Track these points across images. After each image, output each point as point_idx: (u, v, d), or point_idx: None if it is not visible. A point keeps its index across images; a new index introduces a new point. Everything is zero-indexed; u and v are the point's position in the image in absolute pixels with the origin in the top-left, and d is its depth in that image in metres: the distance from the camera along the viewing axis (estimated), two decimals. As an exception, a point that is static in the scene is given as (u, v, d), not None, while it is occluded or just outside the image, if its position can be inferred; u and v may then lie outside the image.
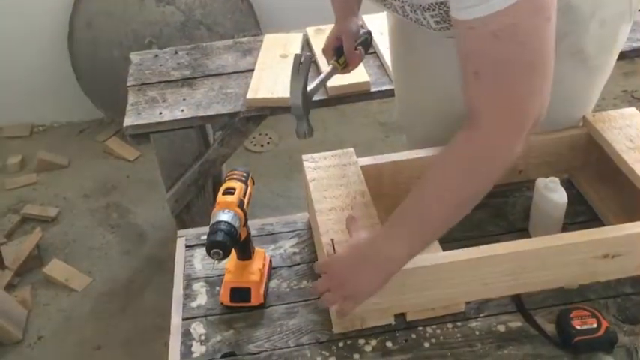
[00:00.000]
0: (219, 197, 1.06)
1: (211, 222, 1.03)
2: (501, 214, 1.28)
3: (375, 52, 1.92)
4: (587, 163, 1.27)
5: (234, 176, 1.10)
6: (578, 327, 0.99)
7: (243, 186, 1.09)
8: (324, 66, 1.55)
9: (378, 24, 1.88)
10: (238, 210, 1.05)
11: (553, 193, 1.15)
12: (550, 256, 1.03)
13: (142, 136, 1.69)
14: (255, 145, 2.75)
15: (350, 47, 1.26)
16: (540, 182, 1.17)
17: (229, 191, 1.06)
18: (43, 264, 2.17)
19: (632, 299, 1.08)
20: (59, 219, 2.41)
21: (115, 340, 1.89)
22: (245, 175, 1.12)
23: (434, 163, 0.93)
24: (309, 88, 1.16)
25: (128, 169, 2.66)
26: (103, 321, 1.97)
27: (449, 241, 1.17)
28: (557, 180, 1.15)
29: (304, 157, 1.26)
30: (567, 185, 1.32)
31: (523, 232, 1.22)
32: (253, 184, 1.14)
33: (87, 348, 1.88)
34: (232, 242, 1.01)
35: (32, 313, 2.01)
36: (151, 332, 1.86)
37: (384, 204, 1.25)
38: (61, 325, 1.97)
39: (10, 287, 2.07)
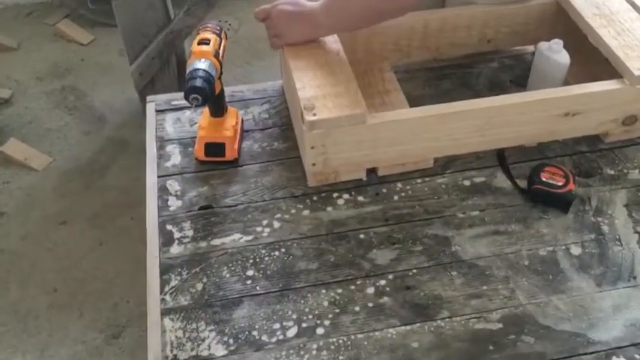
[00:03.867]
0: (195, 47, 1.05)
1: (188, 70, 1.03)
2: (467, 84, 1.31)
3: None
4: (555, 32, 1.30)
5: (208, 28, 1.09)
6: (543, 179, 1.06)
7: (217, 38, 1.08)
8: None
9: None
10: (214, 59, 1.04)
11: (556, 54, 1.17)
12: (515, 113, 1.08)
13: (103, 1, 1.62)
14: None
15: None
16: (542, 44, 1.18)
17: (204, 41, 1.05)
18: (0, 144, 2.12)
19: (587, 156, 1.15)
20: (12, 101, 2.34)
21: (80, 215, 1.90)
22: (218, 28, 1.11)
23: None
24: None
25: (82, 52, 2.57)
26: (66, 198, 1.96)
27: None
28: (560, 42, 1.16)
29: None
30: (533, 57, 1.36)
31: (489, 99, 1.27)
32: (227, 38, 1.13)
33: (52, 223, 1.88)
34: (210, 89, 1.01)
35: (-8, 191, 1.99)
36: (116, 208, 1.87)
37: (357, 71, 1.26)
38: (23, 201, 1.96)
39: (-34, 167, 2.03)
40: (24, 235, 1.86)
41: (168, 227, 1.06)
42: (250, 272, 0.99)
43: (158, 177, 1.15)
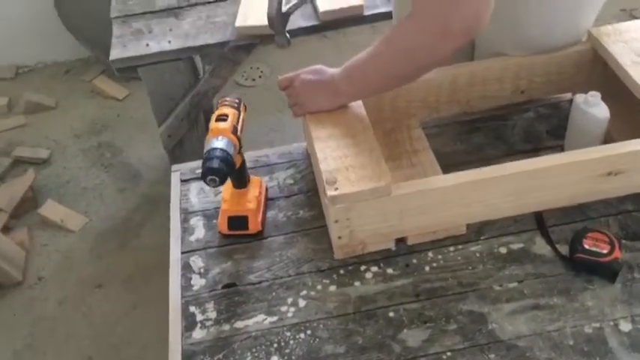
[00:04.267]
0: (212, 124, 1.03)
1: (205, 149, 1.00)
2: (501, 136, 1.25)
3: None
4: (592, 80, 1.24)
5: (226, 102, 1.07)
6: (587, 247, 0.98)
7: (235, 112, 1.06)
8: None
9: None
10: (232, 136, 1.02)
11: (593, 108, 1.10)
12: (552, 175, 1.01)
13: (129, 69, 1.63)
14: (246, 79, 2.69)
15: None
16: (579, 97, 1.12)
17: (222, 118, 1.03)
18: (38, 206, 2.15)
19: (634, 216, 1.07)
20: (51, 160, 2.37)
21: (115, 277, 1.90)
22: (237, 101, 1.08)
23: (384, 36, 1.05)
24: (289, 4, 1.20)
25: (118, 107, 2.61)
26: (102, 260, 1.97)
27: (450, 165, 1.16)
28: (597, 94, 1.10)
29: None
30: (571, 105, 1.29)
31: (524, 154, 1.20)
32: (246, 110, 1.11)
33: (88, 286, 1.89)
34: (228, 169, 0.98)
35: (30, 254, 2.01)
36: (151, 269, 1.86)
37: (383, 129, 1.23)
38: (60, 265, 1.97)
39: (5, 230, 2.05)
40: (61, 299, 1.87)
41: (191, 309, 1.03)
42: (275, 358, 0.94)
43: (182, 253, 1.12)
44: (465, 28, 0.94)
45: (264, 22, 1.63)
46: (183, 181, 1.26)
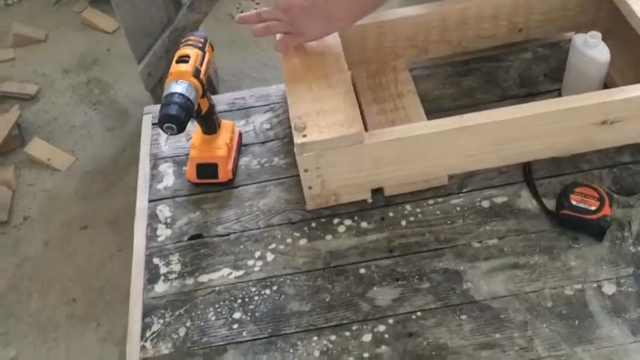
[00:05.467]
0: (172, 66, 0.95)
1: (164, 93, 0.93)
2: (494, 79, 1.16)
3: None
4: (596, 19, 1.13)
5: (190, 42, 0.98)
6: (574, 202, 0.91)
7: (199, 52, 0.97)
8: None
9: None
10: (194, 80, 0.94)
11: (593, 50, 1.00)
12: (543, 124, 0.93)
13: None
14: (241, 11, 2.56)
15: None
16: (578, 38, 1.01)
17: (183, 59, 0.95)
18: (25, 143, 2.10)
19: (630, 169, 0.99)
20: (39, 96, 2.31)
21: (101, 219, 1.87)
22: (202, 40, 0.99)
23: None
24: None
25: (108, 41, 2.51)
26: (88, 200, 1.93)
27: (436, 111, 1.09)
28: (598, 34, 0.99)
29: None
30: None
31: (517, 99, 1.11)
32: (212, 50, 1.02)
33: (73, 227, 1.86)
34: (187, 116, 0.91)
35: (16, 194, 1.98)
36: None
37: (368, 70, 1.14)
38: (46, 205, 1.94)
39: (-9, 168, 2.02)
40: (46, 240, 1.85)
41: (155, 261, 0.98)
42: (237, 315, 0.90)
43: (149, 201, 1.07)
44: None
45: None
46: (156, 125, 1.19)
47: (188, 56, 0.95)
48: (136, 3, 1.56)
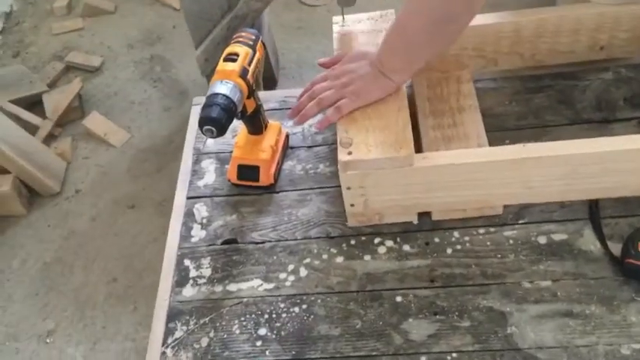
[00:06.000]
0: (219, 64, 0.90)
1: (207, 93, 0.89)
2: (567, 100, 1.06)
3: None
4: (687, 42, 1.01)
5: (240, 39, 0.93)
6: (641, 250, 0.82)
7: (249, 51, 0.92)
8: None
9: None
10: (240, 80, 0.89)
11: None
12: (618, 161, 0.84)
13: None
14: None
15: None
16: None
17: (231, 57, 0.90)
18: (84, 115, 2.12)
19: None
20: (102, 69, 2.33)
21: (149, 200, 1.87)
22: (254, 37, 0.94)
23: None
24: None
25: (174, 17, 2.50)
26: (138, 179, 1.94)
27: (497, 130, 1.01)
28: None
29: (335, 19, 1.06)
30: (656, 69, 1.08)
31: (591, 124, 1.01)
32: (264, 48, 0.97)
33: (121, 206, 1.87)
34: (229, 119, 0.87)
35: (71, 165, 2.01)
36: (184, 194, 1.82)
37: (429, 79, 1.06)
38: (97, 180, 1.96)
39: (50, 138, 2.05)
40: (94, 216, 1.86)
41: (186, 262, 0.95)
42: (263, 331, 0.86)
43: (187, 198, 1.04)
44: None
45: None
46: (203, 117, 1.15)
47: (237, 54, 0.90)
48: (197, -14, 1.53)
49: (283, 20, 2.36)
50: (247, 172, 1.01)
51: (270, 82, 2.01)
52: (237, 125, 1.04)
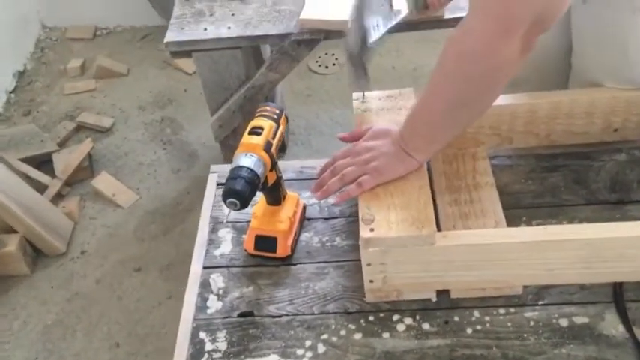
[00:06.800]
0: (244, 137, 0.92)
1: (232, 165, 0.90)
2: (582, 180, 1.07)
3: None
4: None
5: (265, 112, 0.95)
6: (663, 336, 0.81)
7: (273, 125, 0.94)
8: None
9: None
10: (264, 154, 0.91)
11: None
12: (635, 247, 0.84)
13: (183, 53, 1.55)
14: (319, 65, 2.57)
15: None
16: None
17: (256, 131, 0.92)
18: (94, 175, 2.14)
19: None
20: (113, 130, 2.36)
21: (155, 263, 1.86)
22: (278, 111, 0.96)
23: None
24: (374, 35, 1.01)
25: (186, 82, 2.56)
26: (145, 242, 1.93)
27: (514, 208, 1.02)
28: None
29: (355, 95, 1.09)
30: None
31: (606, 205, 1.02)
32: (287, 122, 0.99)
33: (127, 268, 1.86)
34: (252, 192, 0.88)
35: (78, 225, 2.00)
36: (191, 259, 1.80)
37: (445, 155, 1.08)
38: (104, 242, 1.95)
39: (58, 197, 2.06)
40: (99, 278, 1.85)
41: (202, 335, 0.94)
42: (280, 410, 0.84)
43: (203, 268, 1.04)
44: (530, 21, 0.79)
45: (332, 17, 1.52)
46: (221, 185, 1.16)
47: (261, 128, 0.92)
48: (216, 58, 1.57)
49: (294, 87, 2.41)
50: (265, 242, 1.01)
51: (279, 148, 2.04)
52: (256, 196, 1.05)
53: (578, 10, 0.99)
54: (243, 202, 0.87)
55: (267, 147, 0.91)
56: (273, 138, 0.94)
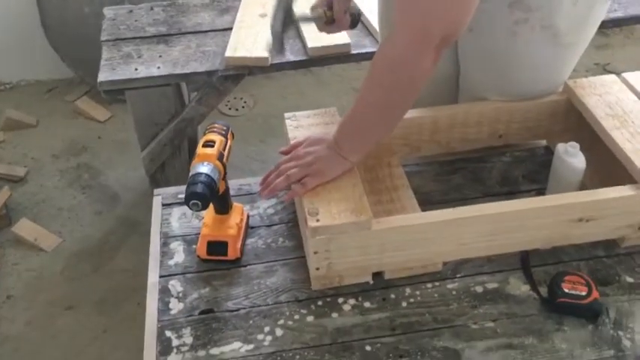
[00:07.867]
0: (199, 149, 1.04)
1: (190, 173, 1.02)
2: (479, 178, 1.29)
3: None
4: (567, 129, 1.29)
5: (215, 129, 1.09)
6: (566, 290, 1.01)
7: (223, 139, 1.08)
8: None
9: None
10: (218, 163, 1.03)
11: (573, 158, 1.14)
12: (527, 218, 1.05)
13: (116, 92, 1.64)
14: (230, 108, 2.71)
15: (339, 8, 1.26)
16: (560, 147, 1.15)
17: (209, 144, 1.05)
18: (12, 224, 2.12)
19: (604, 262, 1.10)
20: (27, 179, 2.35)
21: (87, 300, 1.87)
22: (225, 128, 1.10)
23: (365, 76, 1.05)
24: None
25: (99, 129, 2.60)
26: (74, 281, 1.94)
27: (428, 204, 1.19)
28: (576, 145, 1.14)
29: (287, 115, 1.24)
30: (545, 151, 1.34)
31: (500, 196, 1.23)
32: (233, 137, 1.13)
33: (58, 307, 1.85)
34: (211, 194, 1.00)
35: (0, 272, 1.97)
36: (124, 292, 1.84)
37: (365, 164, 1.25)
38: (30, 284, 1.93)
39: (-23, 247, 2.02)
40: (29, 320, 1.83)
41: (167, 334, 1.02)
42: (249, 387, 0.94)
43: (160, 277, 1.13)
44: (444, 36, 0.95)
45: (254, 53, 1.69)
46: (165, 205, 1.26)
47: (213, 142, 1.05)
48: (149, 95, 1.67)
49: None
50: (216, 247, 1.12)
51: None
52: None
53: (465, 37, 1.20)
54: (205, 202, 0.99)
55: (220, 157, 1.04)
56: (224, 150, 1.07)
